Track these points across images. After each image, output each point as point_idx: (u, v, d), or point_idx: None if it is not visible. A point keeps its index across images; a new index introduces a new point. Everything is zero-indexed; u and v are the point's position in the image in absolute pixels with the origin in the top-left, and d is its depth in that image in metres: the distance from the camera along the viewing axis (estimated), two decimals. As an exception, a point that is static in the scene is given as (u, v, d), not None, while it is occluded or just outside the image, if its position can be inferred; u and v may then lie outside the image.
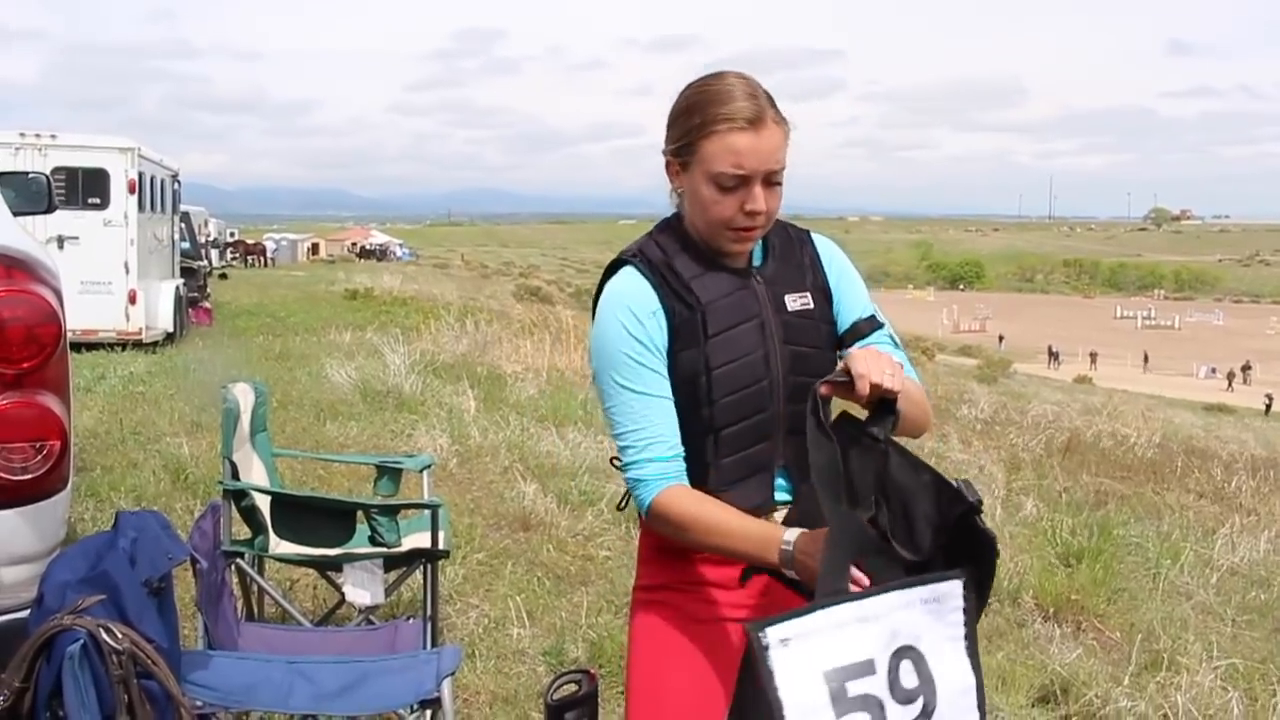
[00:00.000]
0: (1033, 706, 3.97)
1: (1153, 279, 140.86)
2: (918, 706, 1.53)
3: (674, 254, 1.93)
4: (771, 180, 1.87)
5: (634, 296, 1.90)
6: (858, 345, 1.97)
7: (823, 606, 1.50)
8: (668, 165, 1.95)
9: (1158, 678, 4.14)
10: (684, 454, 1.88)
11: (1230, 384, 57.06)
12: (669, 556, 1.97)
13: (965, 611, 1.58)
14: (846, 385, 1.70)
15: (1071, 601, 4.92)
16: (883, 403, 1.71)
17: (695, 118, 1.87)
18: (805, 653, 1.45)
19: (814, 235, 2.07)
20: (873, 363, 1.69)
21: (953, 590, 1.57)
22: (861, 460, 1.71)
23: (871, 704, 1.49)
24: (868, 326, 2.00)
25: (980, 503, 1.64)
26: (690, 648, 1.95)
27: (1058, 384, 33.15)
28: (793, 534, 1.76)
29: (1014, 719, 3.84)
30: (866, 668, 1.49)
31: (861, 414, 1.79)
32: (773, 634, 1.44)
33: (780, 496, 1.94)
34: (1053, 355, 65.61)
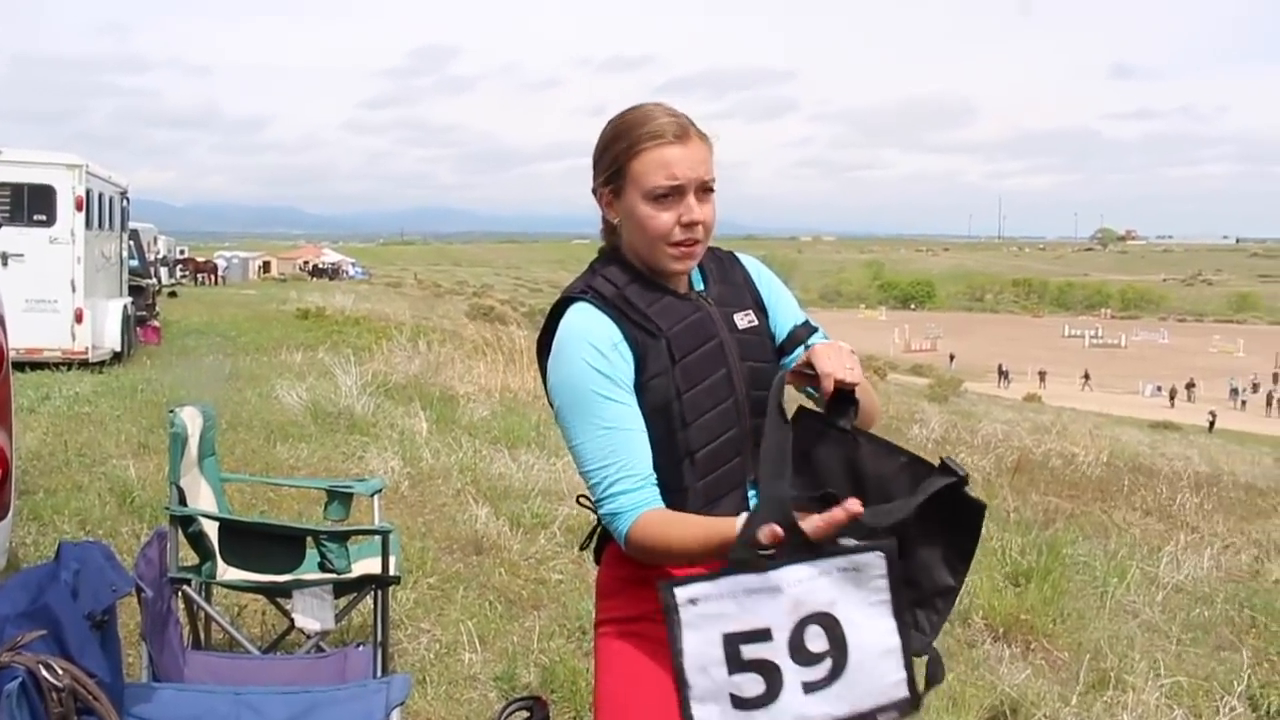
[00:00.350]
0: (982, 727, 4.00)
1: (1099, 298, 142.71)
2: (824, 668, 1.64)
3: (624, 285, 1.95)
4: (704, 191, 1.92)
5: (594, 331, 1.90)
6: (800, 346, 2.04)
7: (727, 574, 1.63)
8: (599, 198, 1.98)
9: (1105, 697, 4.20)
10: (656, 479, 1.88)
11: (1173, 401, 57.98)
12: (642, 588, 1.96)
13: (888, 578, 1.67)
14: (811, 377, 1.82)
15: (1021, 621, 4.98)
16: (842, 395, 1.81)
17: (621, 143, 1.92)
18: (708, 614, 1.62)
19: (739, 255, 2.14)
20: (834, 357, 1.81)
21: (873, 561, 1.66)
22: (830, 451, 1.82)
23: (766, 667, 1.62)
24: (805, 332, 2.07)
25: (967, 476, 1.73)
26: (663, 673, 1.95)
27: (1008, 402, 33.52)
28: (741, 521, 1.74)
29: (964, 740, 3.87)
30: (763, 635, 1.62)
31: (814, 406, 1.90)
32: (681, 594, 1.62)
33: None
34: (1002, 374, 66.36)
